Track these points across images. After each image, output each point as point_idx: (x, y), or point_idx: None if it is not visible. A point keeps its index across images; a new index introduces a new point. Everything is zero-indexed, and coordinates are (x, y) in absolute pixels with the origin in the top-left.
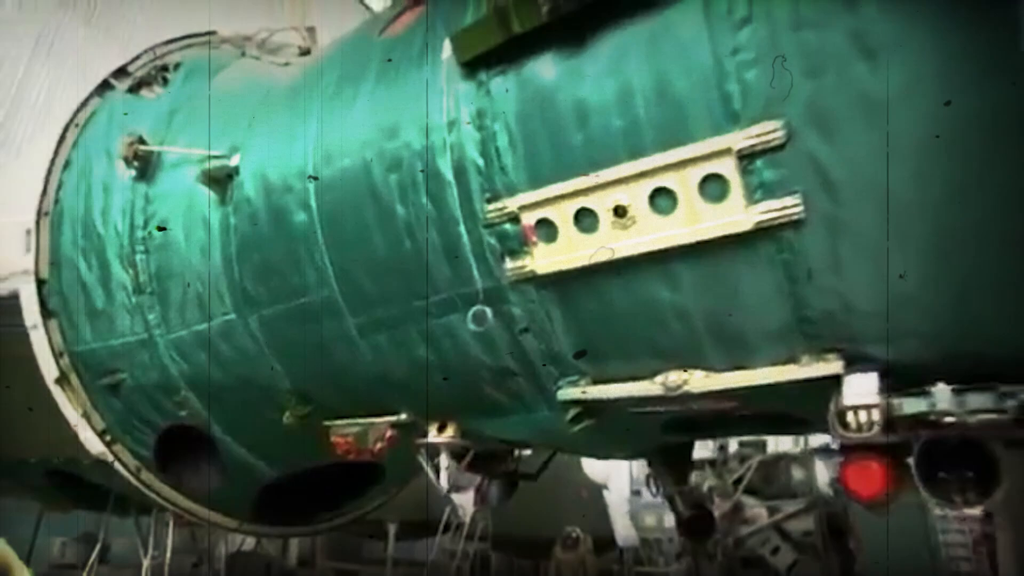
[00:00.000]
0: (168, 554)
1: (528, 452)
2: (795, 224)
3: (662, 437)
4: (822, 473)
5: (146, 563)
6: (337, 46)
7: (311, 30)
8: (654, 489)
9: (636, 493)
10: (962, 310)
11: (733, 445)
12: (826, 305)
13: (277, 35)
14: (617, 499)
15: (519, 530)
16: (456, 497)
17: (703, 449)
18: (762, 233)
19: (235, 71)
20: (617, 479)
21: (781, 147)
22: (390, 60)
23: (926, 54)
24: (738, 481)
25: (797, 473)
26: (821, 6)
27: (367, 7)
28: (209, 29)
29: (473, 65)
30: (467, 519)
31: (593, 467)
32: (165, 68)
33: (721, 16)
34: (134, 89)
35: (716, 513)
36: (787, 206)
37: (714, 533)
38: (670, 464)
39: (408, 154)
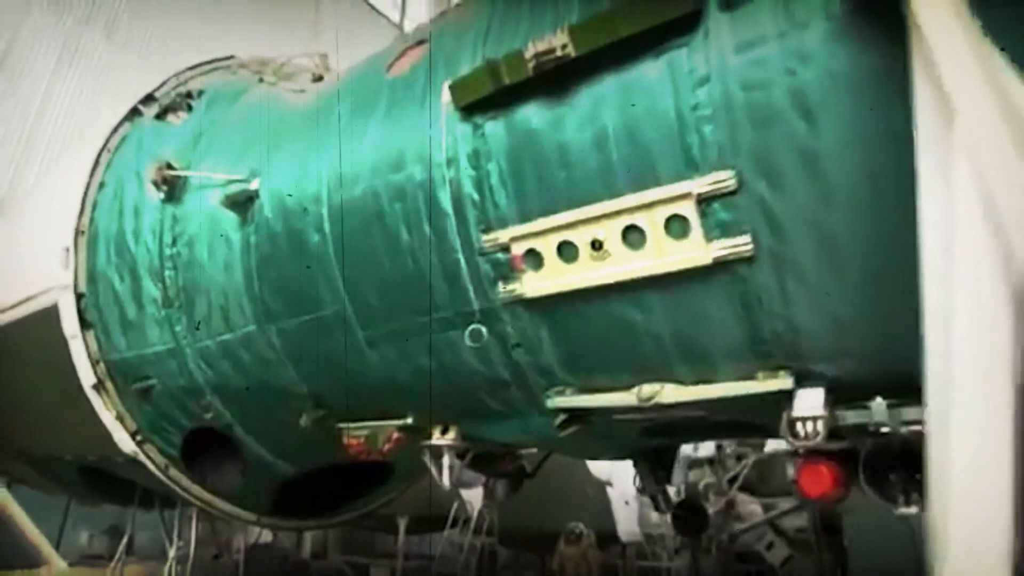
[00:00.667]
0: (192, 546)
1: (534, 450)
2: (747, 259)
3: (644, 441)
4: None
5: (172, 554)
6: (348, 79)
7: (324, 56)
8: (640, 487)
9: (641, 490)
10: (890, 334)
11: (730, 444)
12: (776, 329)
13: (291, 62)
14: (620, 495)
15: (525, 525)
16: (465, 493)
17: (703, 448)
18: (719, 267)
19: (254, 97)
20: (621, 476)
21: (734, 193)
22: (396, 99)
23: (855, 112)
24: (734, 479)
25: (792, 471)
26: (767, 69)
27: (373, 7)
28: (224, 32)
29: (469, 110)
30: (474, 514)
31: (597, 465)
32: (189, 95)
33: (683, 75)
34: (161, 115)
35: (711, 510)
36: (739, 244)
37: (706, 528)
38: (653, 465)
39: (411, 186)
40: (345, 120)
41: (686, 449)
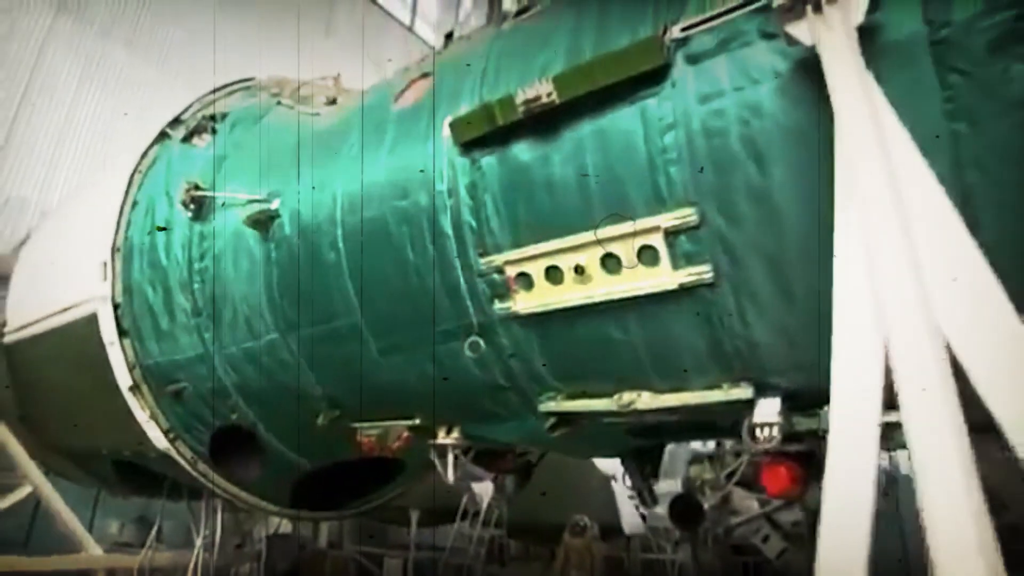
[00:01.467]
0: (219, 534)
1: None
2: (709, 285)
3: (630, 440)
4: None
5: (199, 542)
6: (359, 108)
7: (337, 79)
8: (628, 483)
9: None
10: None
11: (731, 441)
12: (736, 345)
13: (306, 86)
14: (624, 489)
15: (533, 518)
16: (476, 487)
17: (703, 445)
18: (685, 291)
19: (273, 120)
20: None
21: (696, 227)
22: (403, 131)
23: (799, 157)
24: (731, 474)
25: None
26: (725, 119)
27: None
28: (239, 38)
29: (467, 145)
30: (483, 507)
31: (603, 460)
32: (213, 118)
33: (653, 121)
34: (187, 138)
35: (707, 504)
36: (702, 272)
37: (703, 522)
38: (640, 462)
39: (416, 211)
40: (357, 148)
41: (691, 445)
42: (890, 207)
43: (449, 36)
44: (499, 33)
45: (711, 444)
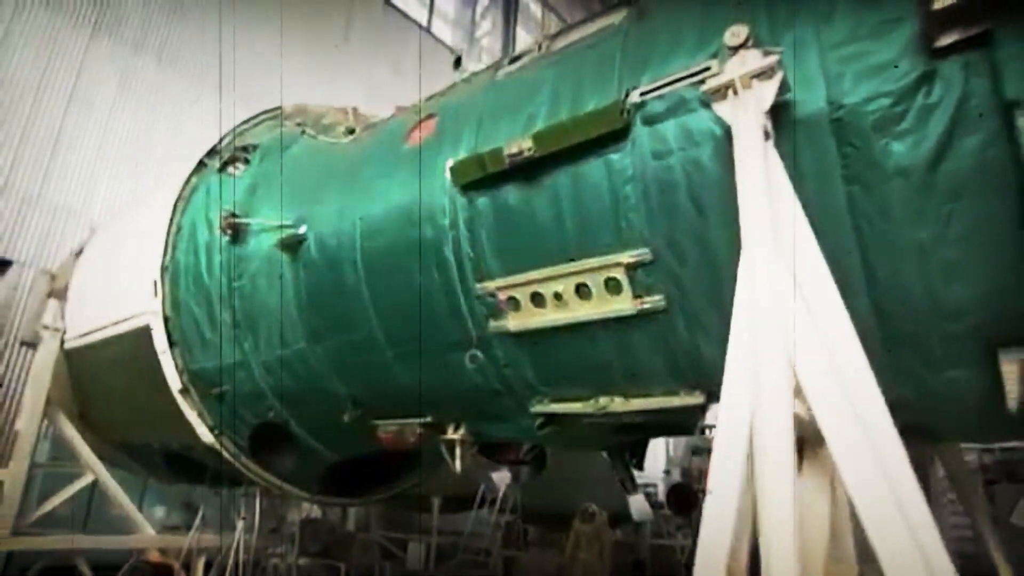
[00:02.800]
0: (257, 518)
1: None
2: (663, 311)
3: (613, 436)
4: None
5: (240, 525)
6: (374, 142)
7: (355, 110)
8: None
9: (667, 472)
10: None
11: None
12: (687, 360)
13: (327, 117)
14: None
15: (547, 505)
16: (495, 475)
17: (701, 440)
18: (643, 316)
19: (298, 151)
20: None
21: (651, 263)
22: (412, 169)
23: (731, 207)
24: None
25: None
26: (673, 174)
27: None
28: (260, 44)
29: (465, 187)
30: (499, 495)
31: None
32: (245, 148)
33: (616, 173)
34: (223, 168)
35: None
36: (656, 300)
37: (695, 508)
38: (623, 455)
39: (423, 240)
40: (373, 181)
41: (692, 440)
42: (776, 258)
43: (458, 61)
44: (494, 83)
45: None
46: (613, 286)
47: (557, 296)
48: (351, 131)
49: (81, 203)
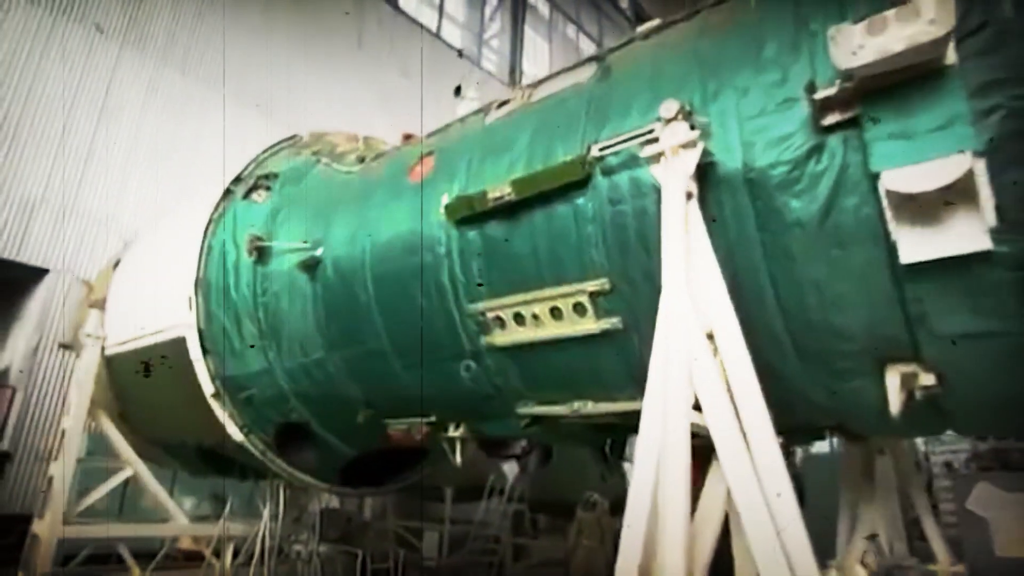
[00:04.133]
0: (282, 508)
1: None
2: (621, 330)
3: (593, 434)
4: None
5: (266, 514)
6: (381, 173)
7: (366, 138)
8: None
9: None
10: None
11: None
12: (642, 371)
13: (340, 145)
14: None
15: (553, 495)
16: (504, 467)
17: None
18: (605, 335)
19: (314, 178)
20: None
21: (610, 292)
22: (414, 203)
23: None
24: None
25: None
26: (625, 218)
27: (412, 19)
28: (275, 50)
29: (458, 221)
30: (507, 485)
31: None
32: (267, 176)
33: (580, 215)
34: (247, 195)
35: None
36: (614, 322)
37: None
38: (602, 449)
39: (422, 267)
40: (381, 210)
41: None
42: (686, 296)
43: (458, 90)
44: (483, 128)
45: None
46: (580, 309)
47: (535, 316)
48: (362, 159)
49: (112, 211)
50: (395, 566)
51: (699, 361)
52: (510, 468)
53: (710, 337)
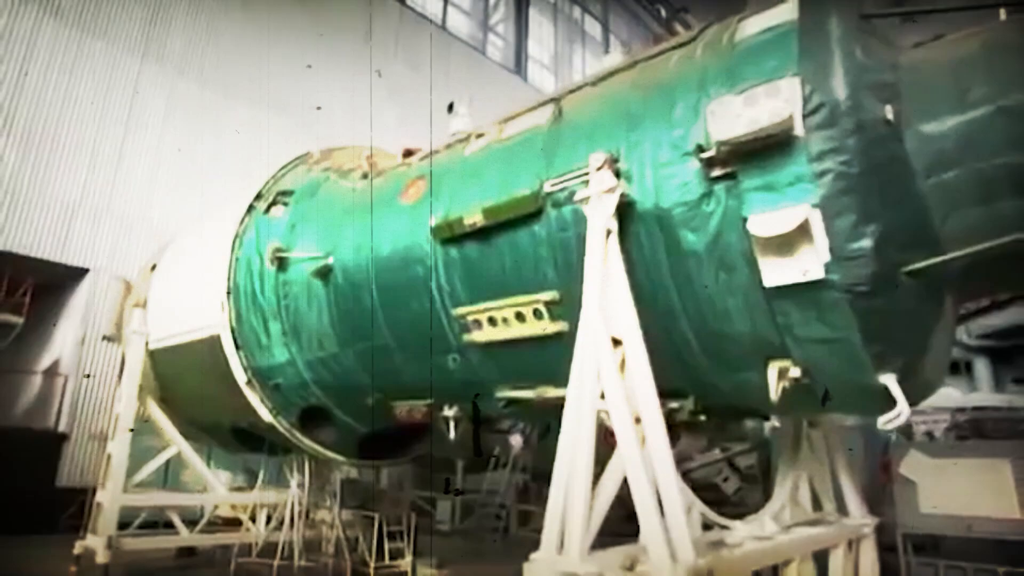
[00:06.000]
0: (308, 479)
1: None
2: (568, 332)
3: (560, 413)
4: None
5: (293, 485)
6: (380, 194)
7: (369, 156)
8: None
9: None
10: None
11: None
12: None
13: (347, 163)
14: None
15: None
16: (511, 439)
17: None
18: (558, 335)
19: (325, 194)
20: None
21: (559, 302)
22: (406, 222)
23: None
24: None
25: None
26: (568, 242)
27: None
28: (287, 50)
29: (442, 240)
30: (511, 457)
31: None
32: (284, 193)
33: (537, 239)
34: (267, 210)
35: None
36: (563, 326)
37: None
38: None
39: (416, 277)
40: (377, 224)
41: None
42: (600, 312)
43: (450, 107)
44: (463, 159)
45: None
46: (538, 314)
47: (504, 320)
48: (365, 175)
49: (142, 212)
50: (408, 527)
51: (604, 362)
52: (515, 441)
53: (617, 342)
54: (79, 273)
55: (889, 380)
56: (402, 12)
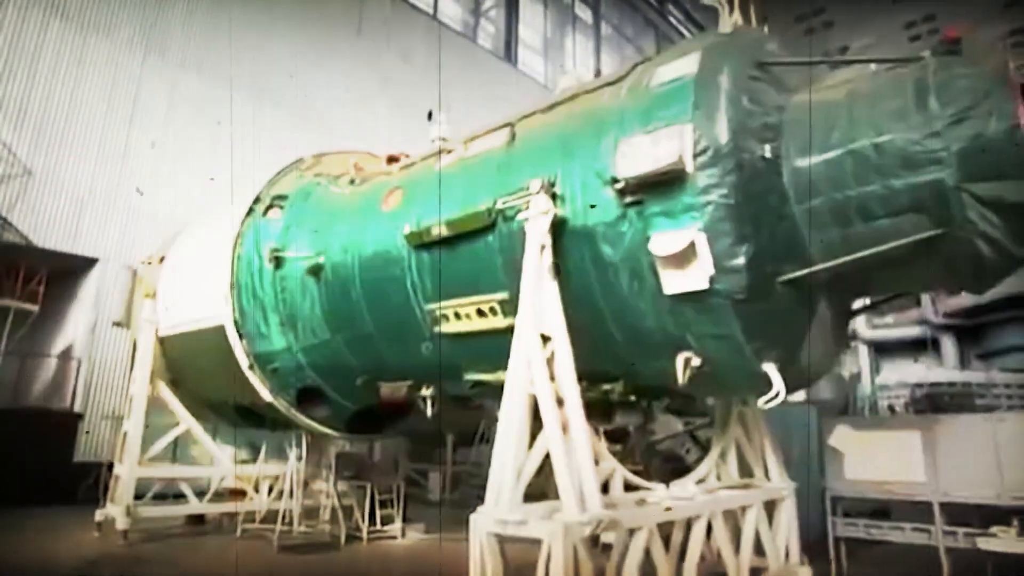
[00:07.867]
0: (305, 452)
1: None
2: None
3: None
4: None
5: (292, 457)
6: (363, 201)
7: (356, 164)
8: None
9: None
10: (594, 358)
11: None
12: None
13: (336, 168)
14: None
15: None
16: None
17: None
18: (509, 328)
19: (316, 198)
20: None
21: (509, 301)
22: (385, 227)
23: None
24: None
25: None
26: (516, 252)
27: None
28: (279, 42)
29: (415, 246)
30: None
31: None
32: (279, 197)
33: (492, 249)
34: (264, 213)
35: (631, 427)
36: (511, 322)
37: (629, 440)
38: None
39: (393, 276)
40: (365, 228)
41: None
42: (533, 314)
43: (429, 115)
44: (434, 174)
45: None
46: (494, 311)
47: (467, 315)
48: (352, 181)
49: (147, 205)
50: (397, 495)
51: (534, 354)
52: None
53: (546, 339)
54: (89, 263)
55: (769, 368)
56: (393, 3)
